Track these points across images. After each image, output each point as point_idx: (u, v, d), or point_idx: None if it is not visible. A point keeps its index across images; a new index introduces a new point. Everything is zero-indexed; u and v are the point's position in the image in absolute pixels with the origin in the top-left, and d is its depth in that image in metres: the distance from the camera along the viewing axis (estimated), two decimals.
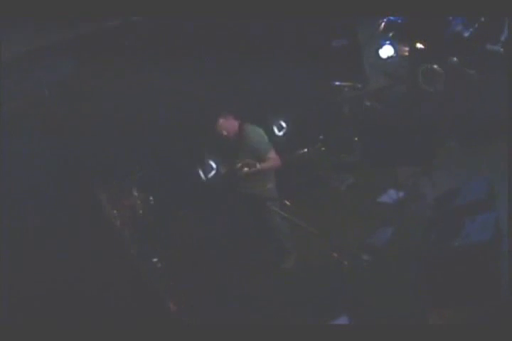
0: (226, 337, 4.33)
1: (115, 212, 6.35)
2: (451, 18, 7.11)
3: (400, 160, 6.58)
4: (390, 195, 6.36)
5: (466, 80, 7.02)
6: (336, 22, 7.24)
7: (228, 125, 5.60)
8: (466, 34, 7.06)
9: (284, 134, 6.95)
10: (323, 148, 7.03)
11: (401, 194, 6.20)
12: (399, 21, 7.47)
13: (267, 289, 5.51)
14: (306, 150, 7.01)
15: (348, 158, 7.38)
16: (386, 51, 7.54)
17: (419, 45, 7.32)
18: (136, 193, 6.49)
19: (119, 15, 5.99)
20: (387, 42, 7.51)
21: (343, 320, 4.59)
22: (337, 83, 6.43)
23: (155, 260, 6.34)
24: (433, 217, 5.34)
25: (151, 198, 6.60)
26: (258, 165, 5.48)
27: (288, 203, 5.42)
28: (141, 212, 6.47)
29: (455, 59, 7.06)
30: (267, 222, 5.74)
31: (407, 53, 7.49)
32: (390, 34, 7.52)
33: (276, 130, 6.76)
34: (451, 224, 4.76)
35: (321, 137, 7.07)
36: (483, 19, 6.97)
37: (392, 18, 7.49)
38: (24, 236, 5.84)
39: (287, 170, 6.36)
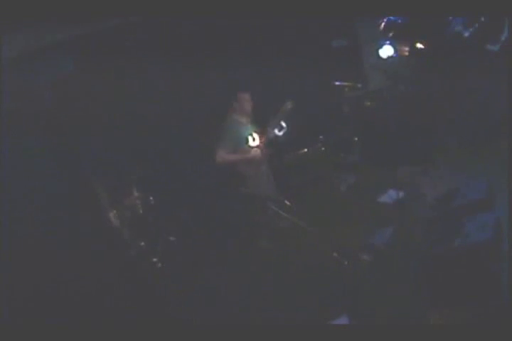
0: (226, 337, 4.33)
1: (115, 212, 6.36)
2: (451, 18, 7.12)
3: (400, 160, 6.58)
4: (390, 195, 6.36)
5: (466, 80, 7.02)
6: (336, 22, 7.24)
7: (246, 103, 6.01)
8: (466, 34, 7.06)
9: (284, 134, 6.94)
10: (323, 148, 7.03)
11: (401, 194, 6.19)
12: (399, 21, 7.47)
13: (267, 289, 5.50)
14: (306, 150, 7.01)
15: (348, 158, 7.38)
16: (386, 51, 7.55)
17: (419, 45, 7.33)
18: (136, 193, 6.49)
19: (119, 15, 5.98)
20: (387, 42, 7.51)
21: (343, 320, 4.58)
22: (337, 83, 6.44)
23: (155, 260, 6.34)
24: (433, 217, 5.34)
25: (151, 198, 6.60)
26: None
27: (288, 203, 5.42)
28: (141, 212, 6.48)
29: (455, 59, 7.06)
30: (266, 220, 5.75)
31: (407, 53, 7.49)
32: (390, 34, 7.52)
33: (276, 130, 6.76)
34: (451, 224, 4.76)
35: (321, 137, 7.07)
36: (483, 19, 6.97)
37: (392, 18, 7.49)
38: (23, 236, 5.84)
39: (287, 170, 6.37)
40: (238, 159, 5.94)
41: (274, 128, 6.10)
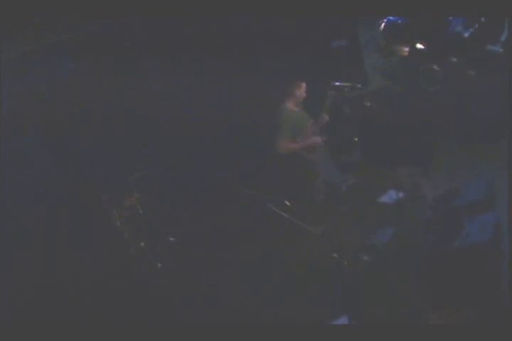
0: (226, 337, 4.33)
1: (115, 212, 6.35)
2: (451, 18, 7.12)
3: (400, 161, 6.57)
4: (390, 195, 6.36)
5: (466, 80, 7.02)
6: (336, 22, 7.24)
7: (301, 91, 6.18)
8: (466, 34, 7.06)
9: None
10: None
11: (401, 194, 6.19)
12: (399, 21, 7.48)
13: (267, 289, 5.50)
14: None
15: (348, 158, 7.38)
16: (386, 51, 7.55)
17: (419, 45, 7.33)
18: (136, 193, 6.49)
19: (119, 16, 5.98)
20: (387, 42, 7.52)
21: (343, 320, 4.59)
22: (337, 83, 6.43)
23: (155, 260, 6.34)
24: (433, 217, 5.34)
25: (151, 198, 6.59)
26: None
27: (288, 203, 5.41)
28: (141, 212, 6.47)
29: (455, 59, 7.06)
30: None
31: (407, 53, 7.49)
32: (390, 34, 7.53)
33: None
34: (451, 224, 4.76)
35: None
36: (483, 19, 6.97)
37: (392, 18, 7.50)
38: (24, 237, 5.85)
39: (287, 169, 6.37)
40: (300, 147, 6.14)
41: (325, 113, 6.29)
